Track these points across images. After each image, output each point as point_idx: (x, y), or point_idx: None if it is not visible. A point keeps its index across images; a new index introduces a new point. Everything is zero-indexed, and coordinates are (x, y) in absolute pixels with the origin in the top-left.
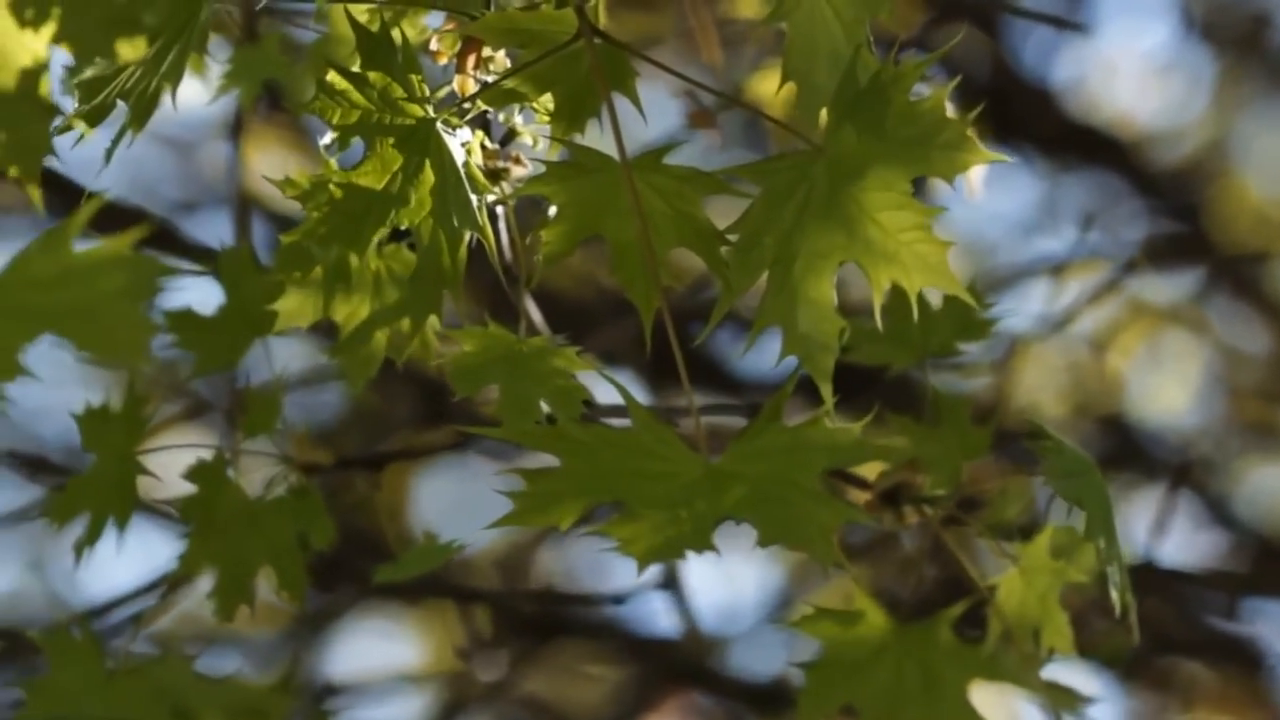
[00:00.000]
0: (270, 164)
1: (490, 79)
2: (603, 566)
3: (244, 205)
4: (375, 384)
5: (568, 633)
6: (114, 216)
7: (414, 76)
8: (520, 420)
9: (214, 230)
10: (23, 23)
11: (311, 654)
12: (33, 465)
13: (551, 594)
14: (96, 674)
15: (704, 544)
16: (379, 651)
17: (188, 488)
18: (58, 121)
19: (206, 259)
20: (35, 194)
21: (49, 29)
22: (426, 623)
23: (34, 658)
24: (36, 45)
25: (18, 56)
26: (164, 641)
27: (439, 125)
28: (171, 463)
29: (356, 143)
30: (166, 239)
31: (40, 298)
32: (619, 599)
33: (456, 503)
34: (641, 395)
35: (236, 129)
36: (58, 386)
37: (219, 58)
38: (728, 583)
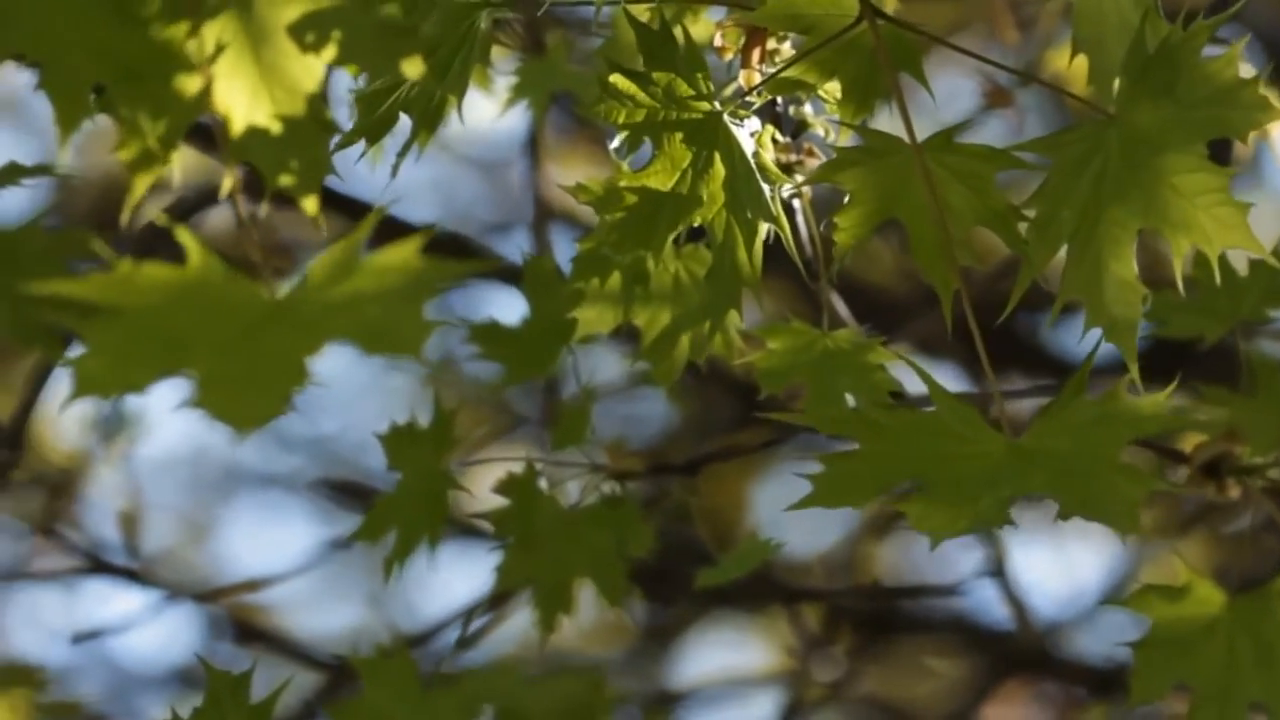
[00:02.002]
0: (576, 180)
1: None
2: (929, 560)
3: (543, 217)
4: (692, 389)
5: (903, 628)
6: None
7: (698, 73)
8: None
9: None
10: (304, 47)
11: (655, 667)
12: (348, 492)
13: (882, 589)
14: (411, 690)
15: (1002, 520)
16: (721, 659)
17: (502, 502)
18: (337, 139)
19: (513, 276)
20: (317, 214)
21: (330, 51)
22: (767, 627)
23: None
24: (318, 68)
25: (302, 81)
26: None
27: (726, 117)
28: (485, 478)
29: (649, 146)
30: (473, 257)
31: (326, 306)
32: (949, 590)
33: (778, 503)
34: (960, 385)
35: (532, 142)
36: (383, 419)
37: (505, 70)
38: (1065, 567)
